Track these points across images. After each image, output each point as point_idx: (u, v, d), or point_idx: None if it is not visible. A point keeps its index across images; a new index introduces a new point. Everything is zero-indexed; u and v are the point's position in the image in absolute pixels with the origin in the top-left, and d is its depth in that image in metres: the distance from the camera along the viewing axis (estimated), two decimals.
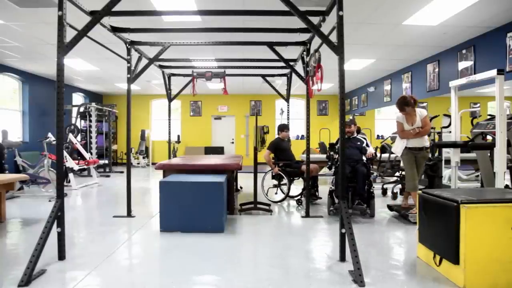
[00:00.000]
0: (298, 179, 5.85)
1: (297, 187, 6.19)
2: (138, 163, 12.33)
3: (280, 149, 5.68)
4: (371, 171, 4.93)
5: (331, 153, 4.97)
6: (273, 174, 5.71)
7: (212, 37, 5.66)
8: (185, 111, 13.33)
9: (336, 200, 4.49)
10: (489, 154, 4.27)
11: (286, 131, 5.86)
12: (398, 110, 4.23)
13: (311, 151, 5.18)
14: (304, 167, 5.27)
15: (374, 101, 10.24)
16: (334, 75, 3.12)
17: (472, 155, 5.82)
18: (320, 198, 5.58)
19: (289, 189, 5.55)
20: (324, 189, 5.73)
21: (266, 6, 4.27)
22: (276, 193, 5.87)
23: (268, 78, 7.03)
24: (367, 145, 4.92)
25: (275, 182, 5.79)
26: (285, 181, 5.56)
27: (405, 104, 4.14)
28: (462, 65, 6.08)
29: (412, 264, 2.98)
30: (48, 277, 2.64)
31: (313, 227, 4.20)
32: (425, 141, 4.24)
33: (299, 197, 5.50)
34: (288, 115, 6.81)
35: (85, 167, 7.96)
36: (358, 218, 4.51)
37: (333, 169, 4.95)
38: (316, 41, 4.22)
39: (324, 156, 7.42)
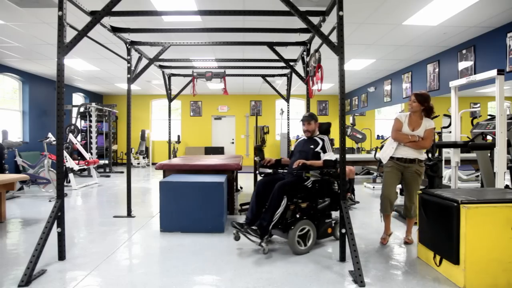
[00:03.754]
0: None
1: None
2: (138, 163, 12.34)
3: None
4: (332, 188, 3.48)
5: (255, 158, 3.82)
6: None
7: (212, 37, 5.66)
8: (185, 111, 13.33)
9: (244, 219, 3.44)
10: (489, 154, 4.27)
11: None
12: (417, 102, 3.34)
13: None
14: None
15: (374, 101, 10.24)
16: (334, 75, 3.12)
17: (472, 155, 5.82)
18: (358, 202, 5.41)
19: None
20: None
21: (266, 6, 4.28)
22: None
23: (268, 78, 7.03)
24: (323, 149, 3.53)
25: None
26: None
27: (428, 102, 3.35)
28: (462, 65, 6.08)
29: (412, 264, 2.98)
30: (48, 277, 2.65)
31: None
32: (420, 153, 3.37)
33: None
34: (288, 115, 6.81)
35: (85, 167, 7.96)
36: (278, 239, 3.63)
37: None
38: (316, 41, 4.23)
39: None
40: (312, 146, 3.58)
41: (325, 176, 3.41)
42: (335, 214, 3.57)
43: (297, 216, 3.26)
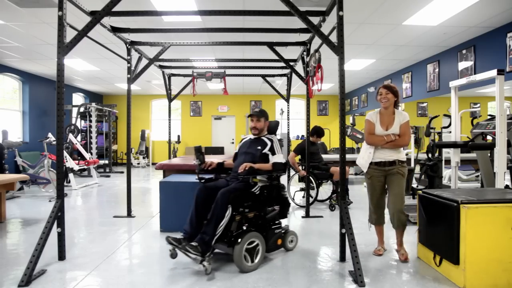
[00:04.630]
0: (327, 182, 5.62)
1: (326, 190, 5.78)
2: (138, 163, 12.34)
3: (308, 152, 5.00)
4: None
5: (193, 161, 3.24)
6: (300, 176, 5.39)
7: (212, 37, 5.66)
8: (185, 111, 13.34)
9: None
10: (489, 154, 4.27)
11: (316, 137, 5.43)
12: (392, 94, 3.12)
13: None
14: (332, 168, 5.16)
15: (374, 101, 10.24)
16: (334, 75, 3.12)
17: (472, 155, 5.82)
18: (351, 202, 5.39)
19: (317, 192, 5.32)
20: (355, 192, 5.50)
21: (266, 6, 4.28)
22: (303, 197, 5.33)
23: (268, 78, 7.03)
24: (272, 150, 3.22)
25: (302, 185, 5.50)
26: (313, 184, 5.29)
27: (395, 93, 3.14)
28: (462, 65, 6.08)
29: (412, 264, 2.98)
30: (48, 277, 2.65)
31: (313, 227, 4.20)
32: (399, 153, 3.07)
33: (328, 200, 5.31)
34: (288, 115, 6.81)
35: (85, 167, 7.96)
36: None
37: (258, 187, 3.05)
38: (316, 41, 4.22)
39: (331, 156, 7.34)
40: (259, 147, 3.24)
41: (274, 181, 3.11)
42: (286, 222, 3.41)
43: (244, 228, 2.86)
